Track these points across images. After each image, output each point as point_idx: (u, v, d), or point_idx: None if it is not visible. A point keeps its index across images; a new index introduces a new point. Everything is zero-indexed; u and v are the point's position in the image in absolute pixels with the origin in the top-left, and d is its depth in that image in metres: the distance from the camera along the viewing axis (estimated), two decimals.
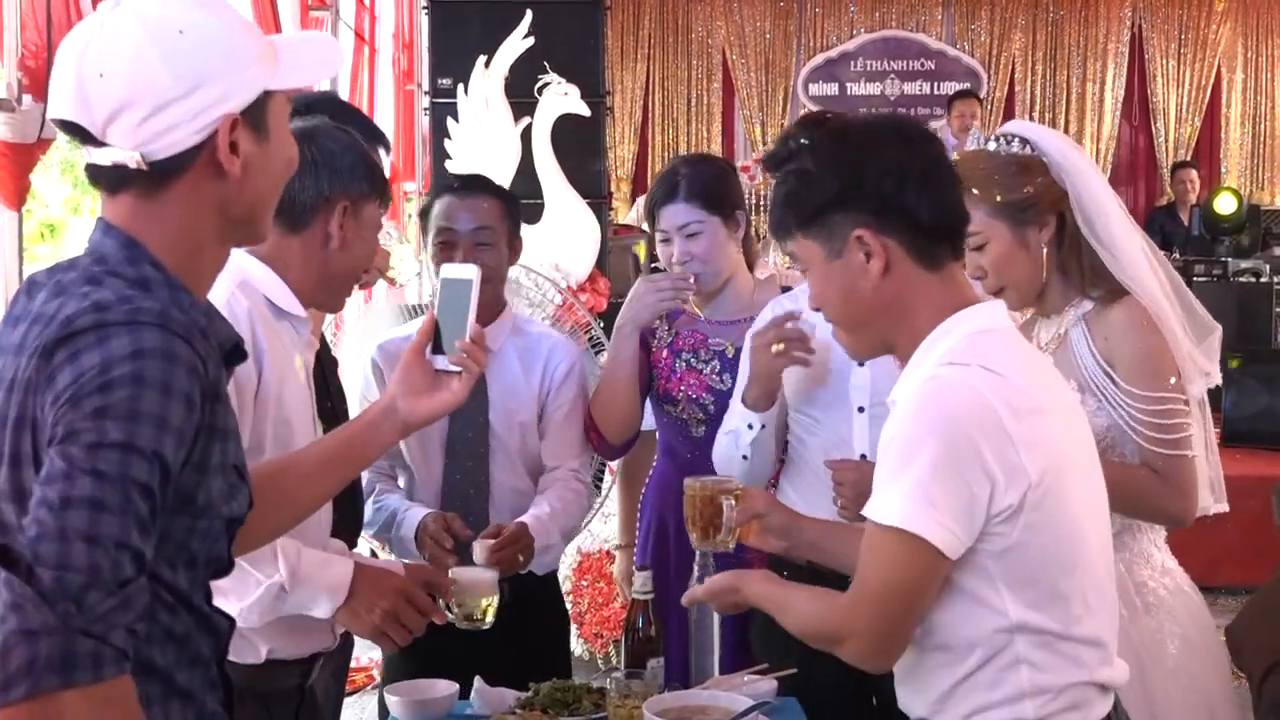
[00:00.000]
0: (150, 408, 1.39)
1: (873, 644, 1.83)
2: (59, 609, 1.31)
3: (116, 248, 1.53)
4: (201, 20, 1.53)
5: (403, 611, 2.19)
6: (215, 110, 1.53)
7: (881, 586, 1.80)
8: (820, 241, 1.91)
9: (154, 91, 1.49)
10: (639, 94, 12.60)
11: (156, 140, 1.51)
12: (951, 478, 1.74)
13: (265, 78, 1.58)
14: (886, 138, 1.91)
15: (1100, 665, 1.85)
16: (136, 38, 1.49)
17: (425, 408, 1.99)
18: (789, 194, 1.95)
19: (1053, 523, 1.79)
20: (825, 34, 12.71)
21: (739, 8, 12.65)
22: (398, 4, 8.07)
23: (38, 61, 2.86)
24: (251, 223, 1.64)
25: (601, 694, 2.46)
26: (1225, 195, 9.59)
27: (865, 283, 1.88)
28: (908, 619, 1.81)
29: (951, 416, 1.76)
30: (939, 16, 12.75)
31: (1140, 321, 2.38)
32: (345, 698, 3.03)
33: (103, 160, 1.53)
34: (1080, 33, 12.74)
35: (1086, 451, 1.93)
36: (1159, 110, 12.71)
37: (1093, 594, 1.84)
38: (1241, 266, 8.79)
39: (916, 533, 1.74)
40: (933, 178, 1.89)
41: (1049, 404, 1.84)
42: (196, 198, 1.56)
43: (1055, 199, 2.43)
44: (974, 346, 1.82)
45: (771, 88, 12.68)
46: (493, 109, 6.12)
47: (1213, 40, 12.68)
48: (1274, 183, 12.77)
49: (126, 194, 1.55)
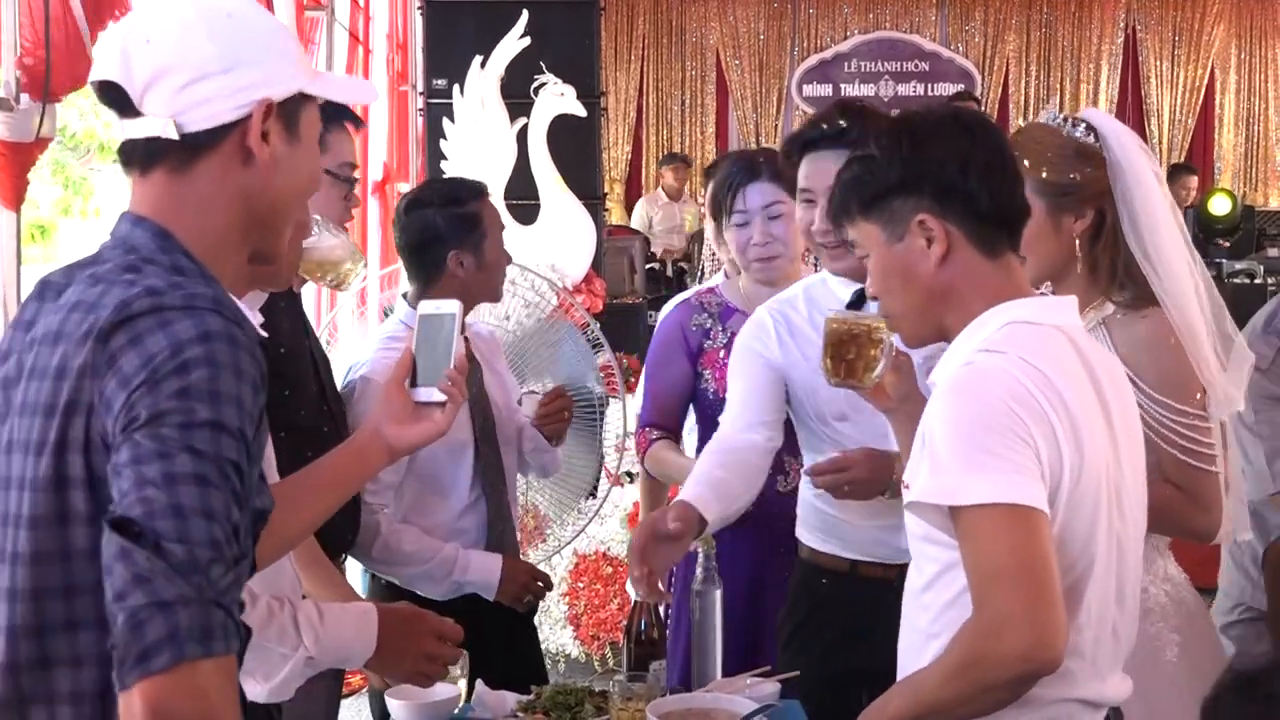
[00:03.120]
0: (228, 389, 1.41)
1: (1030, 631, 1.67)
2: (193, 581, 1.33)
3: (148, 238, 1.54)
4: (250, 10, 1.61)
5: (436, 648, 2.20)
6: (254, 92, 1.56)
7: (1016, 564, 1.69)
8: (881, 225, 1.93)
9: (196, 61, 1.54)
10: (633, 95, 12.62)
11: (192, 110, 1.54)
12: (1012, 442, 1.72)
13: (303, 79, 1.63)
14: (950, 126, 1.92)
15: (1090, 681, 1.83)
16: (186, 13, 1.56)
17: (410, 436, 2.00)
18: (853, 178, 1.97)
19: (1066, 525, 1.77)
20: (819, 35, 12.73)
21: (733, 9, 12.66)
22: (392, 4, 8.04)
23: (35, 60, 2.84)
24: (268, 226, 1.65)
25: (604, 697, 2.44)
26: (1219, 196, 9.60)
27: (924, 267, 1.89)
28: (1054, 592, 1.70)
29: (992, 393, 1.75)
30: (933, 18, 12.78)
31: (1166, 338, 2.34)
32: (342, 699, 3.01)
33: (137, 133, 1.55)
34: (1074, 34, 12.78)
35: (1132, 471, 1.90)
36: (1153, 111, 12.74)
37: (1095, 607, 1.82)
38: (1236, 268, 8.79)
39: (1019, 502, 1.70)
40: (995, 166, 1.90)
41: (1093, 409, 1.82)
42: (224, 181, 1.58)
43: (1099, 193, 2.39)
44: (1013, 337, 1.82)
45: (766, 89, 12.70)
46: (488, 109, 6.11)
47: (1206, 41, 12.72)
48: (1268, 184, 12.81)
49: (158, 172, 1.56)
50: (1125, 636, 1.91)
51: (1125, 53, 12.79)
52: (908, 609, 1.95)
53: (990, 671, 1.71)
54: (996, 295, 1.88)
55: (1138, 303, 2.38)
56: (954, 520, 1.75)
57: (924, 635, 1.88)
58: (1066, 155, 2.39)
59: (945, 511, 1.76)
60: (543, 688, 2.52)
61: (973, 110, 2.01)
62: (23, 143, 2.86)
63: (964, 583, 1.76)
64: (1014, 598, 1.68)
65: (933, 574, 1.87)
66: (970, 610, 1.74)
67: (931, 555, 1.87)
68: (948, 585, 1.83)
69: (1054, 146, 2.41)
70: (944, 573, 1.84)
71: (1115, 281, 2.40)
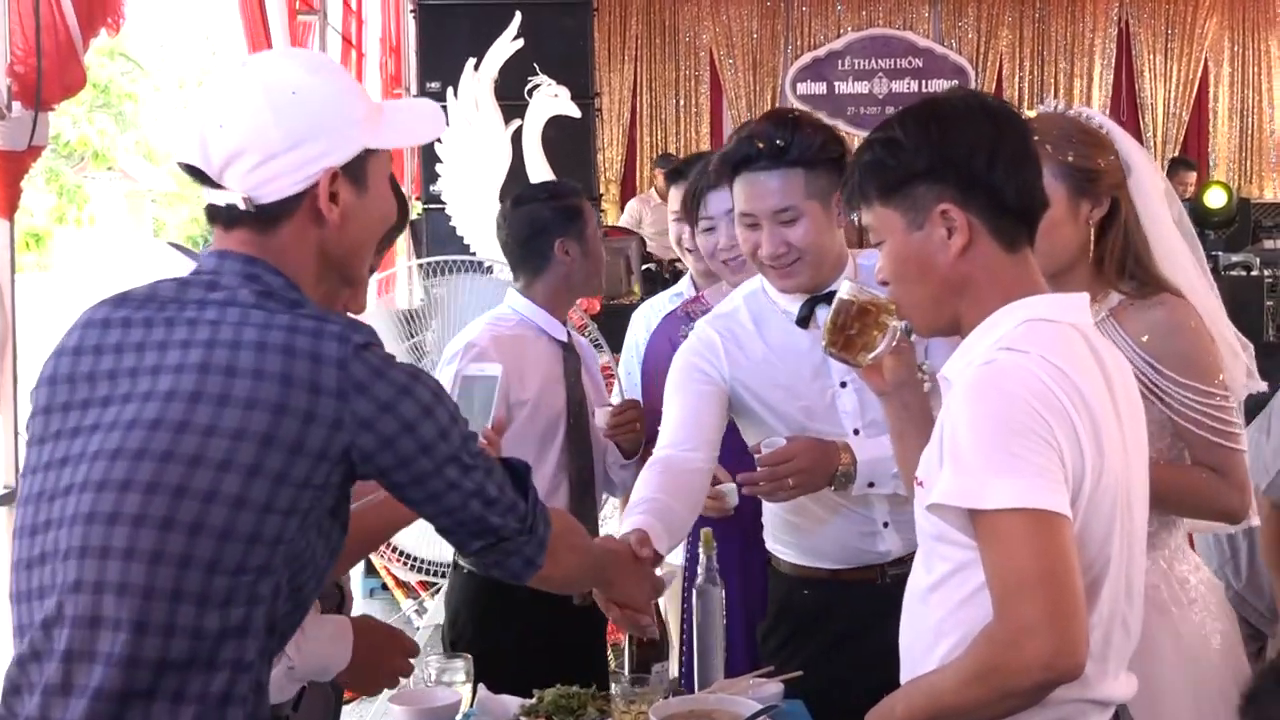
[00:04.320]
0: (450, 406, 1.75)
1: (1053, 640, 1.66)
2: None
3: (241, 265, 1.71)
4: (313, 84, 1.73)
5: (405, 667, 2.26)
6: (318, 164, 1.71)
7: (1042, 572, 1.68)
8: (902, 212, 1.88)
9: (264, 144, 1.69)
10: (626, 95, 12.61)
11: (264, 186, 1.70)
12: (1037, 445, 1.70)
13: (367, 137, 1.76)
14: (979, 114, 1.89)
15: (1100, 680, 1.82)
16: (255, 96, 1.70)
17: None
18: (873, 162, 1.91)
19: (1085, 525, 1.76)
20: (813, 33, 12.73)
21: (726, 8, 12.66)
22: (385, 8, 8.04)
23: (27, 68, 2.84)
24: (347, 266, 1.82)
25: (607, 699, 2.44)
26: (1215, 189, 9.58)
27: (943, 258, 1.86)
28: (1077, 600, 1.68)
29: (1014, 392, 1.73)
30: (926, 14, 12.78)
31: (1186, 321, 2.34)
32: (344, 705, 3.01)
33: (217, 200, 1.73)
34: (1067, 28, 12.78)
35: (1139, 470, 1.89)
36: (1147, 105, 12.75)
37: (1106, 607, 1.81)
38: (1232, 260, 8.79)
39: (1044, 508, 1.68)
40: (1022, 158, 1.88)
41: (1109, 409, 1.80)
42: (302, 238, 1.74)
43: (1117, 183, 2.39)
44: (1033, 335, 1.79)
45: (759, 87, 12.69)
46: (483, 111, 6.10)
47: (1200, 34, 12.72)
48: (1263, 176, 12.81)
49: (241, 230, 1.74)
50: (1134, 631, 1.90)
51: (1119, 46, 12.79)
52: (912, 607, 1.93)
53: (1011, 679, 1.70)
54: (1013, 290, 1.86)
55: (1146, 291, 2.38)
56: (975, 522, 1.73)
57: (933, 634, 1.86)
58: (1089, 141, 2.39)
59: (965, 513, 1.74)
60: (545, 691, 2.51)
61: (1001, 101, 1.98)
62: (15, 151, 2.87)
63: (978, 582, 1.75)
64: (1037, 606, 1.67)
65: (944, 573, 1.85)
66: (985, 609, 1.73)
67: (943, 554, 1.85)
68: (960, 585, 1.82)
69: (1076, 132, 2.40)
70: (956, 572, 1.82)
71: (1125, 272, 2.39)
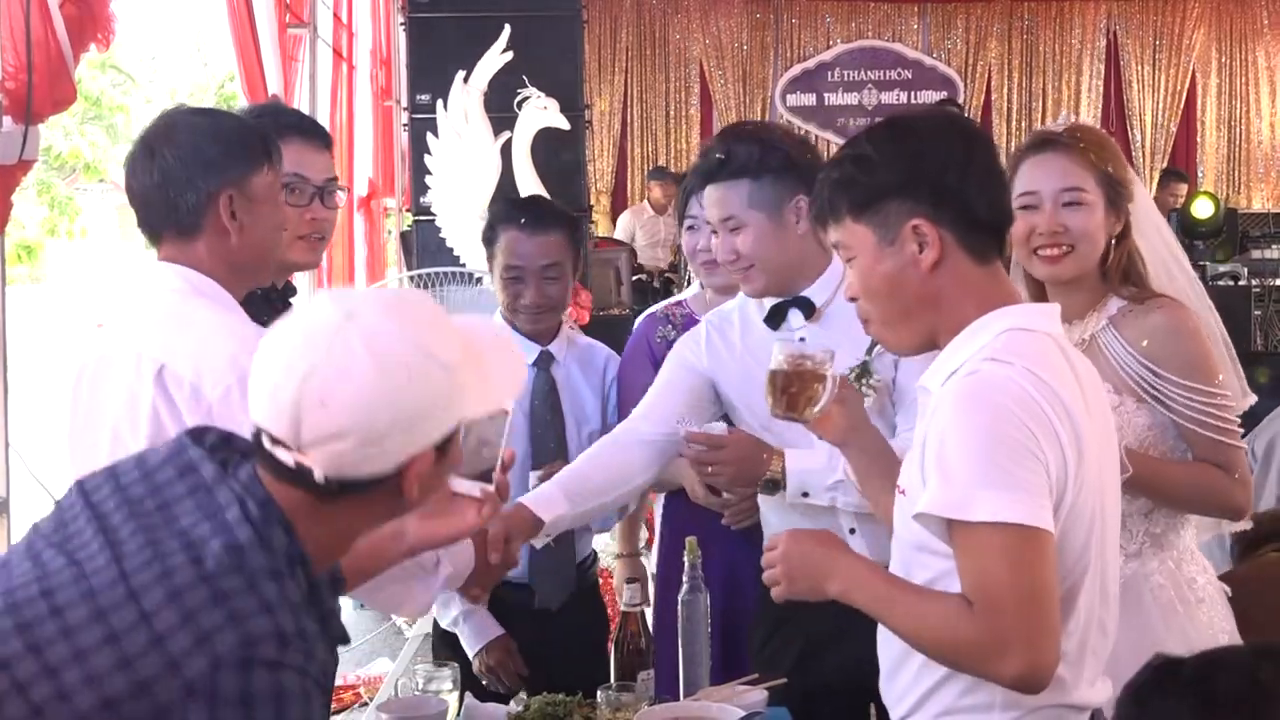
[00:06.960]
0: None
1: (1027, 657, 1.71)
2: None
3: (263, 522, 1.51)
4: (429, 369, 1.52)
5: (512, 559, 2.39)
6: (419, 445, 1.55)
7: (1021, 590, 1.71)
8: (874, 228, 1.89)
9: (371, 429, 1.49)
10: (617, 107, 12.64)
11: (353, 467, 1.52)
12: (1024, 459, 1.72)
13: (463, 408, 1.59)
14: (948, 130, 1.92)
15: (1078, 686, 1.84)
16: (367, 374, 1.48)
17: (437, 532, 1.99)
18: (845, 179, 1.92)
19: (1065, 534, 1.78)
20: (802, 45, 12.77)
21: (716, 20, 12.70)
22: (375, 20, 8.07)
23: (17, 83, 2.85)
24: None
25: (592, 707, 2.45)
26: (1202, 199, 9.62)
27: (914, 273, 1.87)
28: (1054, 618, 1.73)
29: (1001, 404, 1.74)
30: (915, 26, 12.82)
31: (1184, 323, 2.41)
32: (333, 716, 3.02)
33: (286, 460, 1.51)
34: (1055, 40, 12.83)
35: (1111, 474, 1.91)
36: (1135, 116, 12.80)
37: (1084, 614, 1.84)
38: (1220, 270, 8.84)
39: (1028, 523, 1.70)
40: (992, 173, 1.91)
41: (1086, 416, 1.82)
42: (366, 508, 1.59)
43: (1131, 196, 2.48)
44: (1014, 345, 1.80)
45: (749, 99, 12.73)
46: (472, 124, 6.13)
47: (1187, 45, 12.78)
48: (1250, 186, 12.86)
49: (297, 489, 1.53)
50: (1111, 631, 1.93)
51: (1107, 58, 12.84)
52: None
53: (979, 674, 1.78)
54: (987, 301, 1.87)
55: (1142, 296, 2.45)
56: (955, 532, 1.75)
57: None
58: (1120, 155, 2.49)
59: (946, 522, 1.75)
60: (531, 699, 2.53)
61: (967, 118, 2.04)
62: (5, 164, 2.87)
63: (956, 591, 1.77)
64: (1016, 623, 1.70)
65: (924, 581, 1.86)
66: None
67: (924, 563, 1.86)
68: None
69: (1111, 146, 2.50)
70: (936, 580, 1.84)
71: (1129, 280, 2.47)
